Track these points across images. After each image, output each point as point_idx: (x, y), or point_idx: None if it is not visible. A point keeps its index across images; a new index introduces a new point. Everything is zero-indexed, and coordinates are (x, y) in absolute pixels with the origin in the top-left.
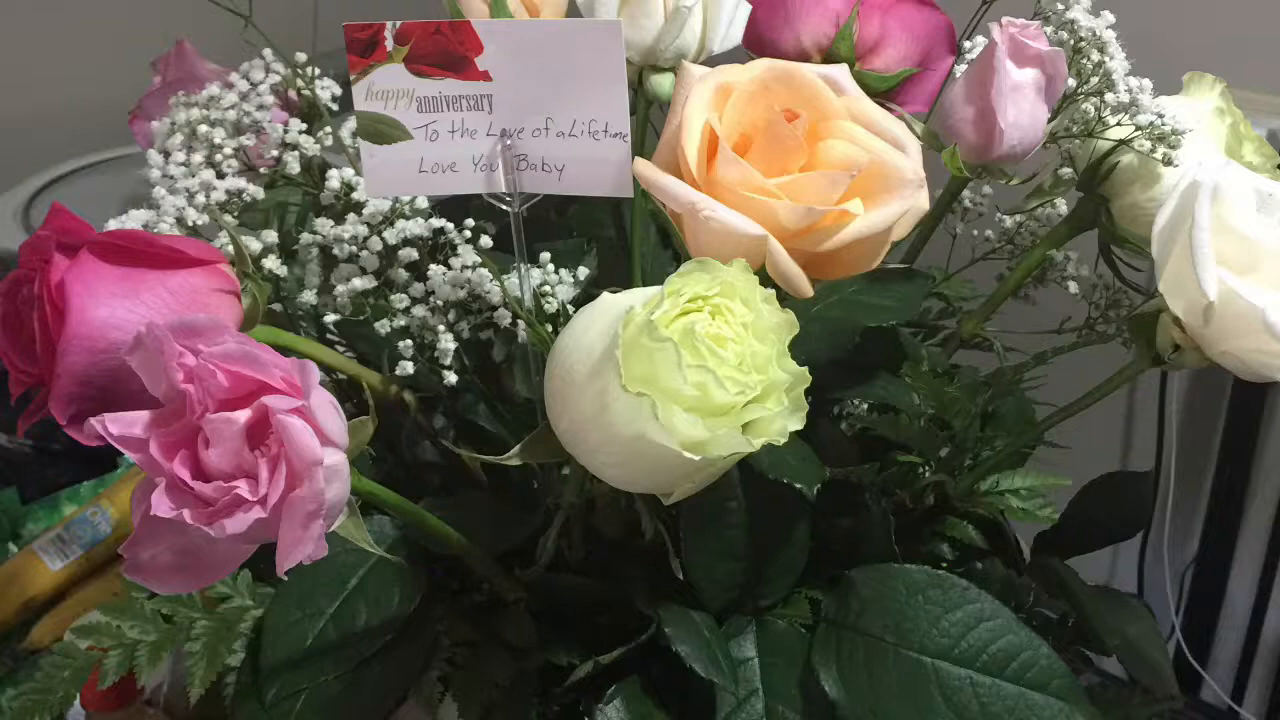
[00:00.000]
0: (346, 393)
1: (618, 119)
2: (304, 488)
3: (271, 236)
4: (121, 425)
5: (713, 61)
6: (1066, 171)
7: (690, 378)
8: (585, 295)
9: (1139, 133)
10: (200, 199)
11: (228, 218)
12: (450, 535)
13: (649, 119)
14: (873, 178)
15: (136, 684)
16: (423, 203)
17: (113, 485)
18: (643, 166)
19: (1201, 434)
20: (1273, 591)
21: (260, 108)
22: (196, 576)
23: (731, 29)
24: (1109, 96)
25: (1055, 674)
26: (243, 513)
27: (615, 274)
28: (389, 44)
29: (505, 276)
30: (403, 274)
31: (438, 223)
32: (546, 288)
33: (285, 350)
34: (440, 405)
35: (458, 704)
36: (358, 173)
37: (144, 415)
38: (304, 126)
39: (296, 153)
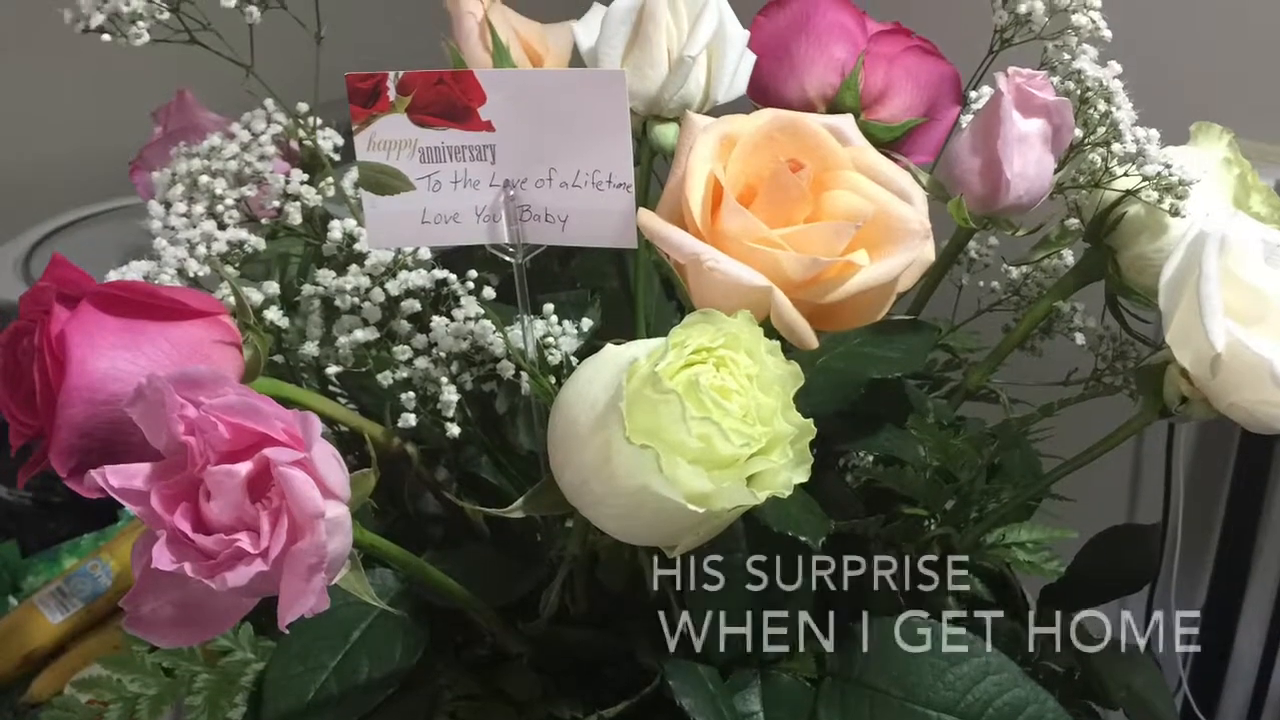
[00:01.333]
0: (349, 445)
1: (622, 169)
2: (306, 540)
3: (273, 288)
4: (122, 478)
5: (717, 111)
6: (1073, 222)
7: (695, 430)
8: (589, 347)
9: (1146, 183)
10: (201, 250)
11: (229, 269)
12: (453, 588)
13: (653, 169)
14: (878, 229)
15: None
16: (425, 254)
17: (113, 538)
18: (646, 217)
19: (1209, 486)
20: None
21: (262, 158)
22: (198, 630)
23: (736, 79)
24: (1116, 147)
25: None
26: (244, 565)
27: (619, 325)
28: (391, 94)
29: (508, 328)
30: (405, 326)
31: (440, 274)
32: (550, 339)
33: (287, 402)
34: (443, 457)
35: None
36: (360, 223)
37: (145, 468)
38: (306, 177)
39: (298, 203)
